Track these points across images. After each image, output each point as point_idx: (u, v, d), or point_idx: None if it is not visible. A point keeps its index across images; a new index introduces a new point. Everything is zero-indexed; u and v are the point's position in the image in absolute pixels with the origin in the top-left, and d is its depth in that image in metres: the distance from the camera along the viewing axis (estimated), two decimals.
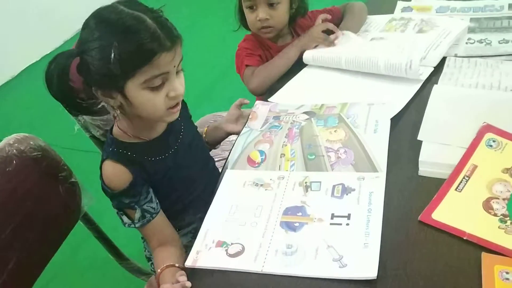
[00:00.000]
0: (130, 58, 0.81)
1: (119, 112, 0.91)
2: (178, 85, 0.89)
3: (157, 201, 0.98)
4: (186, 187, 1.03)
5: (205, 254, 0.83)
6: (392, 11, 1.46)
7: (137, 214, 0.95)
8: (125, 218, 0.96)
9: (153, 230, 0.98)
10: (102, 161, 0.95)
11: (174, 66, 0.87)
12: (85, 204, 1.14)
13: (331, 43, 1.31)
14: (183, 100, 1.05)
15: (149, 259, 1.21)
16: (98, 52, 0.82)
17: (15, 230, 0.96)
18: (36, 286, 1.86)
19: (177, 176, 1.00)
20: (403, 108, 1.04)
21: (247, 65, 1.32)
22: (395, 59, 1.14)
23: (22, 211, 0.98)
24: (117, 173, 0.93)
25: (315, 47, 1.32)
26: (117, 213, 0.97)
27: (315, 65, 1.31)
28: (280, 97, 1.22)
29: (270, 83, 1.30)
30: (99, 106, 0.92)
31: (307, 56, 1.31)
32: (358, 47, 1.27)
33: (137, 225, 0.96)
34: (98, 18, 0.84)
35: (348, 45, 1.30)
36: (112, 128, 0.98)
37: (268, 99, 1.21)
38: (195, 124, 1.60)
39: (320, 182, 0.92)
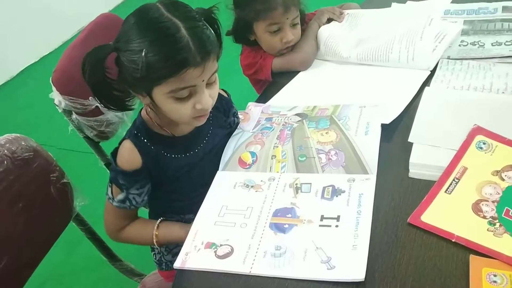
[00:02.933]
0: (157, 68, 0.81)
1: (149, 108, 0.94)
2: (206, 98, 0.89)
3: (145, 199, 1.00)
4: (193, 189, 1.03)
5: (194, 255, 0.83)
6: None
7: (120, 196, 0.97)
8: (109, 191, 0.99)
9: (122, 216, 1.01)
10: (124, 138, 0.97)
11: (203, 80, 0.87)
12: (77, 205, 1.14)
13: (340, 16, 1.43)
14: (232, 107, 1.12)
15: (152, 249, 1.21)
16: (129, 54, 0.83)
17: (6, 230, 0.96)
18: (32, 286, 1.87)
19: (187, 177, 1.01)
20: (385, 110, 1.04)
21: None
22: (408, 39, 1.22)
23: (13, 211, 0.98)
24: (130, 156, 0.95)
25: (328, 21, 1.43)
26: (109, 181, 0.99)
27: (321, 60, 1.37)
28: (276, 101, 1.22)
29: (316, 53, 1.37)
30: (132, 100, 0.95)
31: (323, 33, 1.36)
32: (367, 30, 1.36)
33: (114, 204, 0.98)
34: (137, 17, 0.85)
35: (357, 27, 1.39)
36: (141, 109, 0.99)
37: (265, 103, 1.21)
38: None
39: (310, 183, 0.92)
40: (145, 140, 0.96)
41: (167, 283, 1.19)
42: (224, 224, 0.88)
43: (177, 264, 0.83)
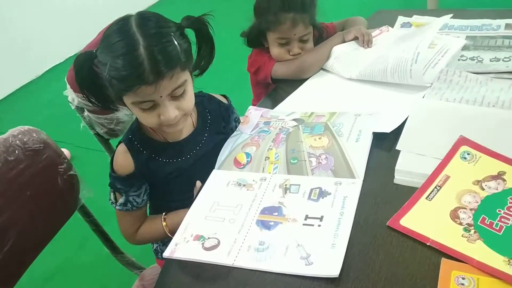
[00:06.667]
0: (116, 83, 0.88)
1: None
2: (169, 111, 0.91)
3: (145, 198, 1.05)
4: (183, 191, 1.07)
5: (182, 246, 0.88)
6: (391, 26, 1.49)
7: (121, 200, 1.05)
8: (112, 196, 1.07)
9: (128, 218, 1.08)
10: (120, 142, 1.04)
11: (161, 96, 0.90)
12: (83, 196, 1.20)
13: (367, 42, 1.39)
14: (232, 113, 1.16)
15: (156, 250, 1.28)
16: (100, 64, 0.90)
17: (13, 215, 1.02)
18: (40, 279, 1.94)
19: (177, 181, 1.06)
20: (387, 119, 1.07)
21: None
22: (399, 58, 1.21)
23: (21, 198, 1.04)
24: (124, 161, 1.02)
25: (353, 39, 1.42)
26: (110, 188, 1.08)
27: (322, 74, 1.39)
28: (281, 108, 1.26)
29: (321, 64, 1.38)
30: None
31: (336, 50, 1.38)
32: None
33: (116, 207, 1.07)
34: (112, 30, 0.90)
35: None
36: None
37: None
38: None
39: (299, 185, 0.96)
40: (138, 145, 1.02)
41: None
42: (214, 218, 0.93)
43: (166, 254, 0.87)
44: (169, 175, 1.05)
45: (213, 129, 1.11)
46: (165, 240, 1.18)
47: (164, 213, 1.08)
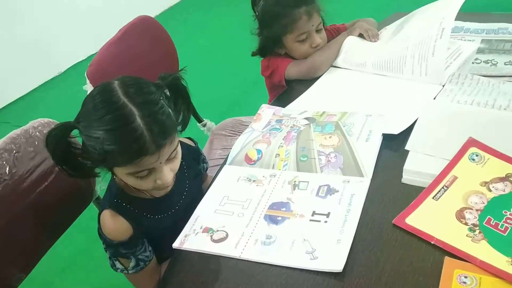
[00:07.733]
0: (113, 156, 0.82)
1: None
2: (166, 175, 0.88)
3: (150, 249, 1.01)
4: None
5: (192, 238, 0.91)
6: None
7: (132, 263, 0.98)
8: (118, 264, 0.99)
9: (144, 276, 1.01)
10: (103, 208, 0.97)
11: (161, 163, 0.86)
12: (98, 189, 1.24)
13: (372, 36, 1.41)
14: (200, 154, 1.15)
15: None
16: (88, 139, 0.83)
17: (31, 205, 1.06)
18: (56, 269, 1.98)
19: (171, 232, 0.98)
20: (397, 120, 1.08)
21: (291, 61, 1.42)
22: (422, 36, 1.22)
23: (39, 188, 1.08)
24: (118, 226, 0.95)
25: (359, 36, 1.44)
26: (109, 258, 0.99)
27: (339, 69, 1.41)
28: (293, 106, 1.28)
29: (331, 62, 1.41)
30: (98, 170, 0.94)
31: (348, 41, 1.41)
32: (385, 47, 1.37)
33: (130, 272, 0.98)
34: (96, 101, 0.83)
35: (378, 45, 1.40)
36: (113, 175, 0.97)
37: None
38: (216, 126, 1.68)
39: (308, 182, 0.97)
40: (127, 205, 0.97)
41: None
42: (223, 212, 0.95)
43: (175, 244, 0.90)
44: (163, 230, 0.99)
45: (191, 174, 1.08)
46: None
47: None
